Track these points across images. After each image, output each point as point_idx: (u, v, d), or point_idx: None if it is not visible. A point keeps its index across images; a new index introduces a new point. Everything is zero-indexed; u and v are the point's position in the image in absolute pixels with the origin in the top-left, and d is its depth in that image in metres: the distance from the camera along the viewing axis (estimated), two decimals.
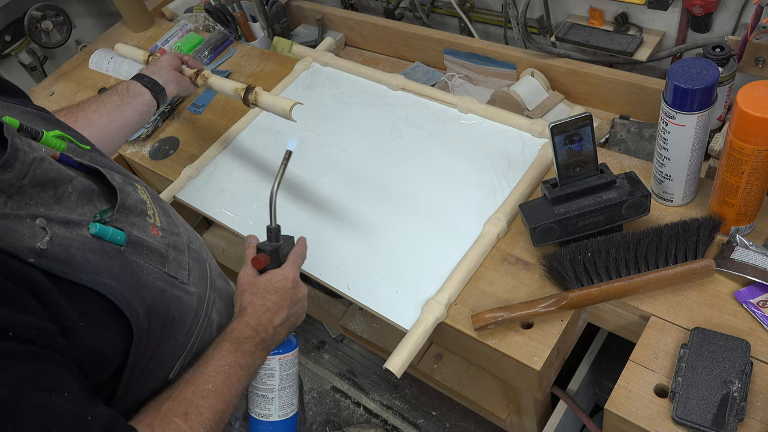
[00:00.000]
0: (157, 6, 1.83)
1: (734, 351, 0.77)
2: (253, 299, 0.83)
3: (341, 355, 1.88)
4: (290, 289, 0.85)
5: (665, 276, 0.85)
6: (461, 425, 1.65)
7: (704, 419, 0.72)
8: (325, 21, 1.64)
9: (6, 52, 1.82)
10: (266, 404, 0.84)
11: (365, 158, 1.19)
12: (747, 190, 0.83)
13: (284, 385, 0.85)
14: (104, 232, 0.66)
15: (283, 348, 0.85)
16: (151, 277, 0.69)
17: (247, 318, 0.81)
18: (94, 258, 0.63)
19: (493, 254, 0.98)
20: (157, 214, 0.78)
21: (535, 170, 1.05)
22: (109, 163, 0.79)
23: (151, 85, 1.11)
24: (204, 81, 1.20)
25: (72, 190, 0.67)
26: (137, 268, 0.68)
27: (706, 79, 0.78)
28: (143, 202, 0.76)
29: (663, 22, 1.21)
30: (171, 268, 0.74)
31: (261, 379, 0.84)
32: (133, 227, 0.71)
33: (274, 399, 0.84)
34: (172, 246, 0.76)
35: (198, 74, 1.21)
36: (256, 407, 0.85)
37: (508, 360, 0.87)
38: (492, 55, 1.36)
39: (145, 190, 0.79)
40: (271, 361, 0.84)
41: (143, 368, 0.69)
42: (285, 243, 0.91)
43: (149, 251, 0.71)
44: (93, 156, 0.77)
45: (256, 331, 0.80)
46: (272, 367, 0.84)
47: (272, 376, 0.84)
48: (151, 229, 0.74)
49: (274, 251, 0.88)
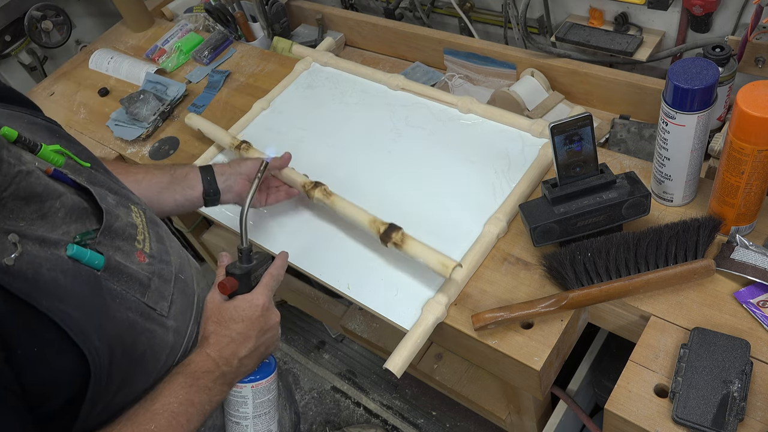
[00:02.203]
0: (157, 6, 1.83)
1: (734, 351, 0.77)
2: (216, 328, 0.77)
3: (341, 355, 1.88)
4: (259, 317, 0.79)
5: (665, 276, 0.85)
6: (461, 425, 1.65)
7: (704, 419, 0.72)
8: (325, 21, 1.64)
9: (6, 52, 1.82)
10: (241, 430, 0.81)
11: (365, 158, 1.19)
12: (747, 190, 0.83)
13: (259, 412, 0.80)
14: (81, 254, 0.63)
15: (258, 374, 0.80)
16: (123, 307, 0.66)
17: (208, 349, 0.75)
18: (64, 280, 0.60)
19: (493, 254, 0.98)
20: (148, 239, 0.74)
21: (535, 170, 1.05)
22: (109, 183, 0.76)
23: (208, 185, 1.01)
24: (324, 195, 1.06)
25: (60, 206, 0.64)
26: (110, 296, 0.64)
27: (706, 79, 0.78)
28: (134, 226, 0.73)
29: (663, 22, 1.21)
30: (151, 298, 0.69)
31: (234, 406, 0.80)
32: (116, 252, 0.68)
33: (248, 426, 0.80)
34: (158, 274, 0.72)
35: (317, 186, 1.06)
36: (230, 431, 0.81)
37: (508, 360, 0.87)
38: (492, 55, 1.36)
39: (140, 214, 0.76)
40: (242, 389, 0.79)
41: (107, 403, 0.64)
42: (258, 264, 0.84)
43: (129, 278, 0.67)
44: (92, 174, 0.74)
45: (216, 365, 0.74)
46: (244, 396, 0.79)
47: (245, 404, 0.79)
48: (138, 255, 0.71)
49: (245, 275, 0.81)
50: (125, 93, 1.55)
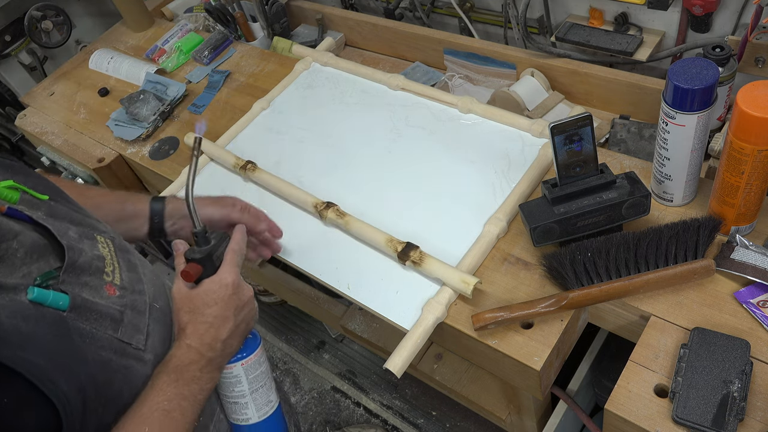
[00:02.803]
0: (157, 6, 1.83)
1: (734, 351, 0.77)
2: (191, 317, 0.74)
3: (341, 355, 1.88)
4: (232, 295, 0.76)
5: (665, 276, 0.85)
6: (461, 425, 1.65)
7: (704, 419, 0.72)
8: (325, 21, 1.64)
9: (6, 52, 1.82)
10: (242, 410, 0.80)
11: (365, 158, 1.19)
12: (747, 190, 0.83)
13: (255, 387, 0.80)
14: (43, 297, 0.59)
15: (245, 351, 0.79)
16: (95, 346, 0.62)
17: (187, 340, 0.72)
18: (26, 327, 0.56)
19: (493, 254, 0.98)
20: (118, 269, 0.70)
21: (535, 170, 1.05)
22: (71, 214, 0.72)
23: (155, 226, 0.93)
24: (338, 215, 1.05)
25: (18, 246, 0.61)
26: (79, 337, 0.61)
27: (706, 79, 0.78)
28: (101, 258, 0.69)
29: (663, 22, 1.21)
30: (125, 333, 0.66)
31: (228, 387, 0.79)
32: (83, 288, 0.64)
33: (248, 403, 0.80)
34: (130, 307, 0.68)
35: (329, 207, 1.06)
36: (232, 414, 0.81)
37: (508, 360, 0.87)
38: (492, 55, 1.36)
39: (107, 243, 0.72)
40: (233, 369, 0.78)
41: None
42: (217, 243, 0.80)
43: (98, 316, 0.64)
44: (51, 206, 0.70)
45: (200, 353, 0.72)
46: (236, 375, 0.78)
47: (239, 383, 0.79)
48: (107, 288, 0.67)
49: (206, 257, 0.78)
50: (125, 93, 1.55)
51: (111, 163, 1.40)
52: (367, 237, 1.02)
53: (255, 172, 1.18)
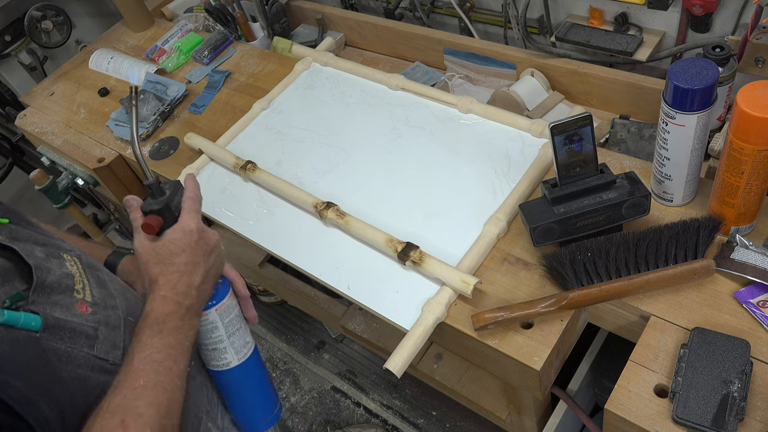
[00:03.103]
0: (157, 6, 1.83)
1: (734, 351, 0.77)
2: (161, 269, 0.73)
3: (341, 355, 1.88)
4: (198, 240, 0.75)
5: (665, 276, 0.85)
6: (461, 425, 1.65)
7: (704, 419, 0.72)
8: (325, 21, 1.64)
9: (6, 52, 1.82)
10: (221, 355, 0.81)
11: (365, 158, 1.19)
12: (747, 190, 0.83)
13: (231, 331, 0.81)
14: (15, 319, 0.58)
15: (217, 296, 0.79)
16: (72, 365, 0.62)
17: (162, 291, 0.71)
18: (1, 350, 0.56)
19: (493, 254, 0.98)
20: (88, 286, 0.69)
21: (535, 170, 1.05)
22: (34, 236, 0.71)
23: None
24: (338, 215, 1.05)
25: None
26: (55, 357, 0.60)
27: (706, 79, 0.78)
28: (70, 276, 0.68)
29: (663, 22, 1.21)
30: (101, 350, 0.65)
31: (206, 334, 0.79)
32: (54, 307, 0.63)
33: (227, 347, 0.81)
34: (104, 323, 0.68)
35: (329, 207, 1.05)
36: (212, 361, 0.81)
37: (508, 360, 0.87)
38: (492, 55, 1.36)
39: (75, 261, 0.71)
40: (209, 316, 0.78)
41: None
42: (173, 193, 0.78)
43: (72, 334, 0.63)
44: (12, 230, 0.69)
45: (177, 303, 0.71)
46: (212, 321, 0.79)
47: (216, 328, 0.79)
48: (79, 306, 0.66)
49: (164, 208, 0.76)
50: (125, 93, 1.55)
51: (111, 163, 1.41)
52: (367, 237, 1.02)
53: (255, 172, 1.18)
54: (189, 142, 1.32)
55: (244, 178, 1.21)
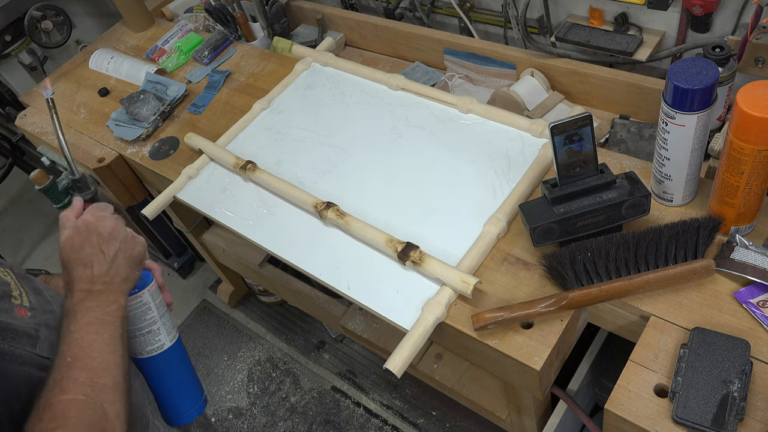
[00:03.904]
0: (157, 6, 1.83)
1: (734, 351, 0.77)
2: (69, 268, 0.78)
3: (341, 355, 1.88)
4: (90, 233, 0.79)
5: (665, 276, 0.85)
6: (461, 425, 1.65)
7: (704, 419, 0.72)
8: (325, 21, 1.64)
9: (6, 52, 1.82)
10: (155, 337, 0.85)
11: (365, 158, 1.19)
12: (747, 190, 0.83)
13: (162, 311, 0.86)
14: None
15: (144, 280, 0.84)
16: (16, 363, 0.65)
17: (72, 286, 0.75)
18: None
19: (493, 254, 0.98)
20: (24, 294, 0.73)
21: (535, 170, 1.05)
22: None
23: None
24: (338, 215, 1.05)
25: None
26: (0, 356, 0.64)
27: (706, 79, 0.78)
28: (6, 284, 0.71)
29: (663, 22, 1.21)
30: (42, 349, 0.69)
31: (140, 317, 0.84)
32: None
33: (160, 328, 0.85)
34: (44, 324, 0.72)
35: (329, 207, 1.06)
36: (146, 346, 0.85)
37: (508, 360, 0.87)
38: (492, 55, 1.36)
39: (8, 272, 0.74)
40: (141, 297, 0.83)
41: None
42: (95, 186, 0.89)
43: (15, 335, 0.66)
44: None
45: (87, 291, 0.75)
46: (145, 302, 0.84)
47: (149, 309, 0.84)
48: (18, 310, 0.69)
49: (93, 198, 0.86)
50: (125, 93, 1.55)
51: (111, 163, 1.41)
52: (367, 237, 1.02)
53: (255, 172, 1.18)
54: (189, 142, 1.32)
55: (244, 178, 1.21)
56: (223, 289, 2.09)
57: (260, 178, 1.18)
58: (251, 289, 2.05)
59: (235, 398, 1.86)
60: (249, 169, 1.19)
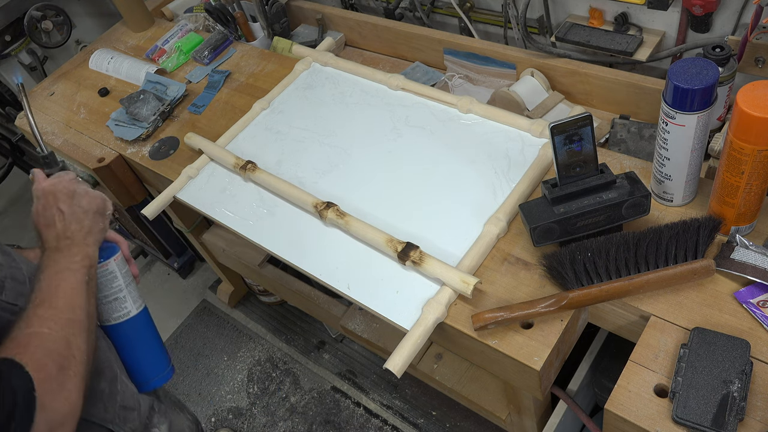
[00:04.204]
0: (157, 6, 1.83)
1: (734, 351, 0.77)
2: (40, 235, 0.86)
3: (341, 355, 1.88)
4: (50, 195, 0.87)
5: (665, 276, 0.85)
6: (461, 425, 1.65)
7: (704, 419, 0.72)
8: (325, 21, 1.64)
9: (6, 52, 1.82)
10: (121, 305, 0.92)
11: (365, 158, 1.19)
12: (747, 190, 0.83)
13: (128, 281, 0.93)
14: None
15: (110, 251, 0.92)
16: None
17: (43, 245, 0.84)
18: None
19: (493, 254, 0.98)
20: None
21: (535, 170, 1.05)
22: None
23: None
24: (338, 215, 1.05)
25: None
26: None
27: (706, 79, 0.78)
28: None
29: (663, 22, 1.21)
30: (9, 296, 0.77)
31: (107, 285, 0.90)
32: None
33: (126, 296, 0.92)
34: (10, 277, 0.80)
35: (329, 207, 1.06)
36: (113, 313, 0.92)
37: (508, 360, 0.87)
38: (492, 55, 1.36)
39: None
40: (108, 266, 0.90)
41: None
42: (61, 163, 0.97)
43: None
44: None
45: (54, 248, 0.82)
46: (112, 271, 0.91)
47: (115, 278, 0.91)
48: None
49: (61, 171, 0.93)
50: (125, 93, 1.55)
51: (111, 163, 1.41)
52: (367, 237, 1.02)
53: (255, 172, 1.18)
54: (189, 142, 1.32)
55: (244, 178, 1.21)
56: (223, 289, 2.09)
57: (260, 178, 1.18)
58: (251, 289, 2.05)
59: (235, 398, 1.86)
60: (249, 169, 1.19)
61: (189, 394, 1.91)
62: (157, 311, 2.15)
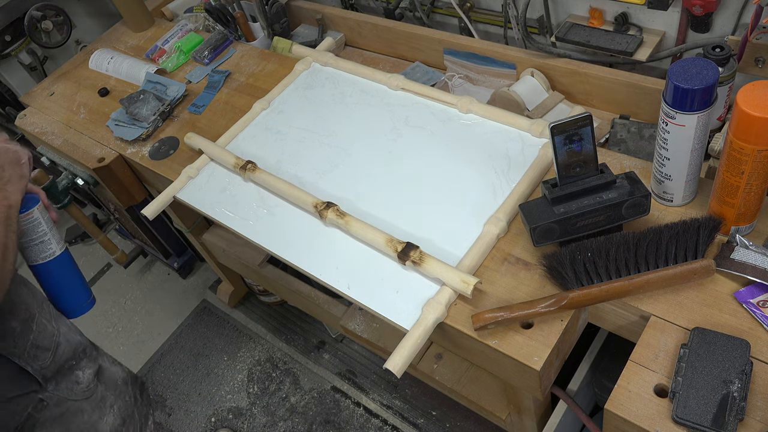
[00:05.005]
0: (157, 6, 1.83)
1: (734, 351, 0.77)
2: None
3: (341, 355, 1.88)
4: None
5: (665, 276, 0.85)
6: (461, 425, 1.65)
7: (704, 419, 0.72)
8: (325, 21, 1.64)
9: (6, 52, 1.82)
10: (47, 247, 1.04)
11: (365, 158, 1.19)
12: (747, 190, 0.83)
13: (50, 226, 1.05)
14: None
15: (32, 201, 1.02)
16: None
17: None
18: None
19: (493, 254, 0.98)
20: None
21: (535, 170, 1.05)
22: None
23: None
24: (338, 215, 1.05)
25: None
26: None
27: (706, 79, 0.78)
28: None
29: (663, 22, 1.21)
30: None
31: (32, 230, 1.02)
32: None
33: (50, 239, 1.04)
34: None
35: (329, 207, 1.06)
36: (41, 254, 1.04)
37: (508, 360, 0.87)
38: (492, 55, 1.36)
39: None
40: (32, 214, 1.01)
41: None
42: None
43: None
44: None
45: None
46: (35, 218, 1.02)
47: (40, 224, 1.03)
48: None
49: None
50: (125, 93, 1.55)
51: (111, 163, 1.41)
52: (367, 237, 1.02)
53: (255, 172, 1.18)
54: (189, 142, 1.32)
55: (244, 178, 1.21)
56: (223, 289, 2.09)
57: (260, 178, 1.18)
58: (251, 289, 2.05)
59: (235, 398, 1.86)
60: (249, 169, 1.19)
61: (189, 394, 1.91)
62: (156, 311, 2.16)
